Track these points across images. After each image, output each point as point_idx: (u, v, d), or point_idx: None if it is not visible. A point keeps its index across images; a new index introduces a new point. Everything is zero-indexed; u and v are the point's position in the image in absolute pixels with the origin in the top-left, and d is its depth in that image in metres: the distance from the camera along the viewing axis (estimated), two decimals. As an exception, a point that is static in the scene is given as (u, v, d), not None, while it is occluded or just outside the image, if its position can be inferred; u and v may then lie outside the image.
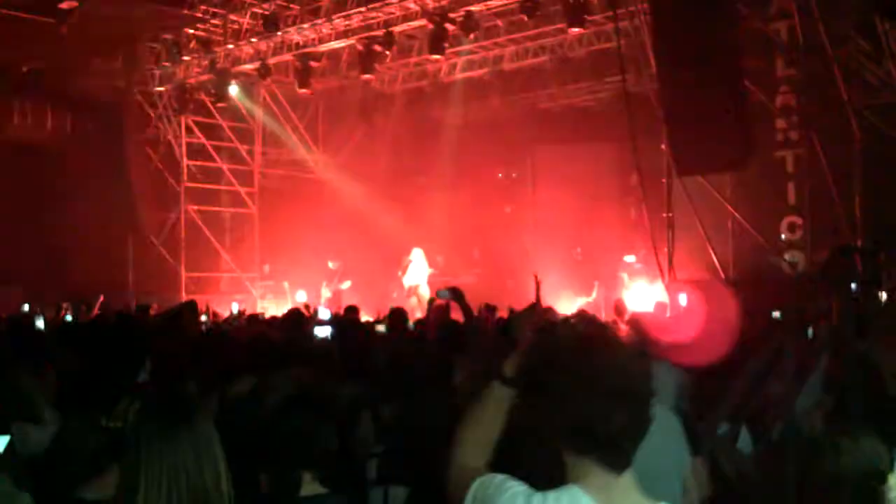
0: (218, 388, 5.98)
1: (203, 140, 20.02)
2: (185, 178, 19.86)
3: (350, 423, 4.79)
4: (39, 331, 8.23)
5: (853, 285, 6.62)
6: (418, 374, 5.06)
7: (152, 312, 11.68)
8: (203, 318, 12.17)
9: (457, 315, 6.61)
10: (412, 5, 15.39)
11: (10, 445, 3.14)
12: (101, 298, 12.67)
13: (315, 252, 19.88)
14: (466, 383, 4.29)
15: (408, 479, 3.62)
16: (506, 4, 14.93)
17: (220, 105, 19.06)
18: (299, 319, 12.02)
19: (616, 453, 1.95)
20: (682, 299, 11.89)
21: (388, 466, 3.80)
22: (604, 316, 12.06)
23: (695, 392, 4.42)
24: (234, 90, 18.63)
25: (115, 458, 2.70)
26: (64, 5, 15.73)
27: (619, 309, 11.78)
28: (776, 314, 8.37)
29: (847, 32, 12.26)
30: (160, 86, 19.40)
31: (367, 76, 17.10)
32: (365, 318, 11.46)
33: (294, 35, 16.87)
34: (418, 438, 3.77)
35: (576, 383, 1.91)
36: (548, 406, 1.97)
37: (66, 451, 2.97)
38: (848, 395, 3.41)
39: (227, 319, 13.00)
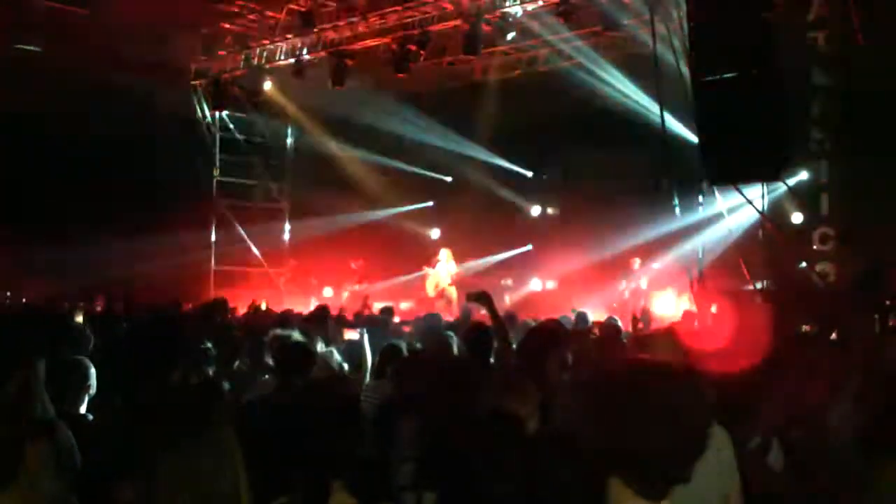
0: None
1: (236, 134, 20.13)
2: (218, 171, 19.97)
3: (388, 426, 4.75)
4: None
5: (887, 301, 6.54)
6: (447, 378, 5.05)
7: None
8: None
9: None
10: (448, 5, 15.38)
11: (57, 449, 3.14)
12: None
13: (343, 249, 19.94)
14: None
15: (438, 485, 3.58)
16: (542, 7, 14.84)
17: (254, 100, 19.17)
18: (325, 316, 12.09)
19: (654, 479, 1.90)
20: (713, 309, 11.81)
21: (423, 471, 3.74)
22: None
23: (721, 405, 4.37)
24: (268, 85, 18.73)
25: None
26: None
27: (645, 315, 11.75)
28: (806, 328, 8.25)
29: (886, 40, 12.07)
30: (195, 79, 19.54)
31: (400, 75, 17.15)
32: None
33: (330, 32, 16.93)
34: (446, 444, 3.73)
35: (627, 407, 1.89)
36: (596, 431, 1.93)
37: (99, 452, 2.92)
38: (879, 412, 3.35)
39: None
